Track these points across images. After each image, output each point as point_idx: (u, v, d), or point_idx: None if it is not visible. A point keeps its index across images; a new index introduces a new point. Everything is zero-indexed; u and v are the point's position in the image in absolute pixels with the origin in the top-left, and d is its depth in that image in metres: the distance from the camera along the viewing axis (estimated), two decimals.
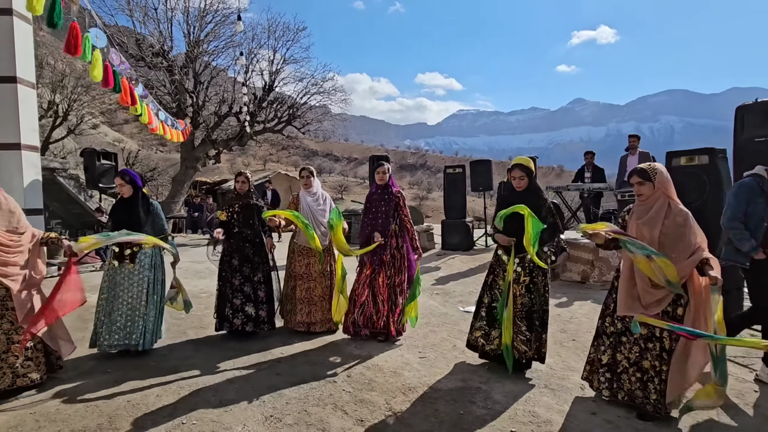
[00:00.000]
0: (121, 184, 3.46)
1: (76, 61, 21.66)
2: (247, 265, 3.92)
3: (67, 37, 3.17)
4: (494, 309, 3.19)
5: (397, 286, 3.85)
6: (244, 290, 3.88)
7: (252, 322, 3.88)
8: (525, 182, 3.15)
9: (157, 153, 55.08)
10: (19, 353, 2.75)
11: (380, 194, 3.94)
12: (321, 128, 13.50)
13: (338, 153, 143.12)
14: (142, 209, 3.48)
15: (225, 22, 11.75)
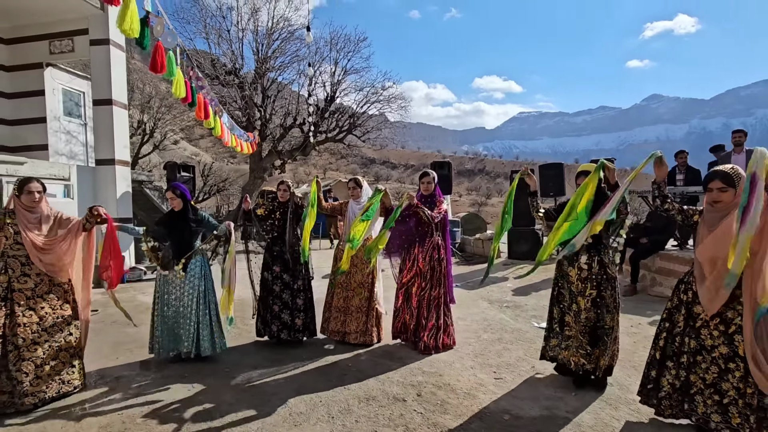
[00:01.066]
0: (172, 198, 3.57)
1: (161, 83, 24.04)
2: (287, 272, 3.93)
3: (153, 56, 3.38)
4: (563, 323, 2.99)
5: (433, 300, 3.70)
6: (282, 297, 3.91)
7: (287, 330, 3.89)
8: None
9: (228, 165, 59.19)
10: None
11: (424, 203, 3.83)
12: (381, 136, 13.61)
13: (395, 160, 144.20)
14: (192, 220, 3.59)
15: (290, 39, 12.35)
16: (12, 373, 2.70)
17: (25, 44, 8.45)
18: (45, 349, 2.82)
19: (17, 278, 2.77)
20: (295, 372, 3.35)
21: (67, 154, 8.95)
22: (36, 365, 2.76)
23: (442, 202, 3.88)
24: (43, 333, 2.83)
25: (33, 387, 2.75)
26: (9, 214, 2.80)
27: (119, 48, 8.09)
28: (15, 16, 8.10)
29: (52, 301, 2.90)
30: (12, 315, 2.73)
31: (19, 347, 2.72)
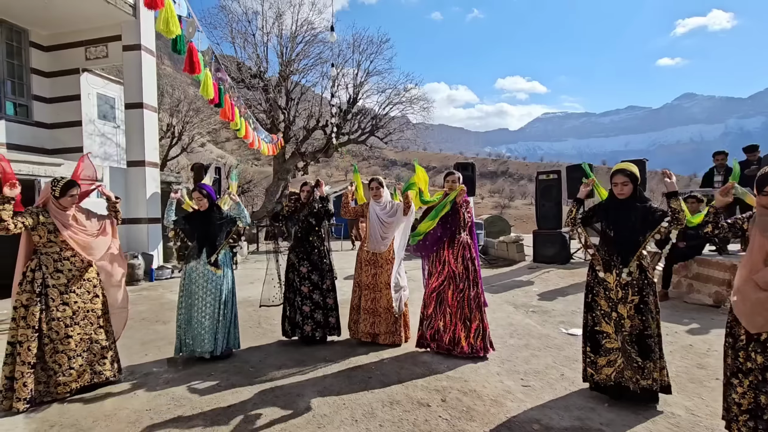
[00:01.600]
0: (199, 198, 3.64)
1: (189, 87, 24.77)
2: (315, 272, 3.96)
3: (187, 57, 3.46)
4: (597, 334, 2.78)
5: (471, 300, 3.61)
6: (313, 297, 3.93)
7: (321, 329, 3.94)
8: (629, 189, 2.73)
9: (252, 167, 60.36)
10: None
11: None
12: (403, 137, 13.58)
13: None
14: (217, 220, 3.66)
15: (313, 42, 12.49)
16: (48, 365, 2.83)
17: (63, 51, 8.84)
18: (77, 341, 2.93)
19: (51, 274, 2.87)
20: (319, 374, 3.34)
21: (101, 156, 9.30)
22: (69, 357, 2.88)
23: (468, 202, 3.81)
24: (75, 326, 2.93)
25: (67, 377, 2.87)
26: (42, 213, 2.88)
27: (150, 53, 8.35)
28: (54, 25, 8.49)
29: (84, 295, 3.00)
30: (47, 309, 2.84)
31: (54, 340, 2.84)
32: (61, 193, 2.89)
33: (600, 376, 2.75)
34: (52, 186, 2.92)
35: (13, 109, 8.41)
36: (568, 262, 7.87)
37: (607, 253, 2.76)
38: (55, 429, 2.54)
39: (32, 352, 2.76)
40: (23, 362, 2.73)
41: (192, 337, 3.55)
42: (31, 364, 2.76)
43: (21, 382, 2.72)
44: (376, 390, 3.03)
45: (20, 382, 2.72)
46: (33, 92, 8.67)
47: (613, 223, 2.76)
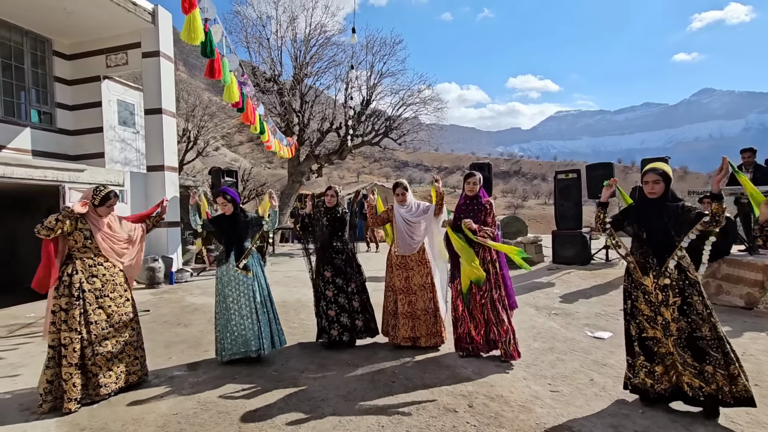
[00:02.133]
0: (223, 203, 3.66)
1: (203, 93, 25.13)
2: (340, 275, 3.95)
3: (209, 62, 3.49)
4: (648, 341, 2.66)
5: (497, 301, 3.54)
6: (338, 301, 3.92)
7: (348, 332, 3.92)
8: (660, 187, 2.64)
9: (265, 170, 61.04)
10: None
11: (468, 204, 3.71)
12: (416, 138, 13.53)
13: (428, 163, 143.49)
14: (242, 223, 3.69)
15: (327, 44, 12.55)
16: (87, 367, 2.90)
17: (85, 59, 9.04)
18: (113, 343, 3.02)
19: (86, 279, 2.95)
20: (342, 378, 3.32)
21: (121, 161, 9.48)
22: (107, 359, 2.97)
23: (492, 204, 3.72)
24: (110, 329, 3.02)
25: (105, 379, 2.95)
26: (80, 219, 2.97)
27: (168, 59, 8.49)
28: (76, 34, 8.70)
29: (117, 299, 3.09)
30: (85, 313, 2.91)
31: (93, 343, 2.92)
32: (100, 203, 3.01)
33: (660, 386, 2.61)
34: (93, 194, 3.01)
35: (38, 116, 8.64)
36: (588, 263, 7.71)
37: (642, 255, 2.67)
38: None
39: (77, 354, 2.84)
40: (70, 364, 2.80)
41: (233, 339, 3.55)
42: (78, 366, 2.84)
43: (71, 383, 2.79)
44: (400, 395, 3.00)
45: (69, 383, 2.79)
46: (56, 100, 8.89)
47: (645, 224, 2.67)
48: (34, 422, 2.70)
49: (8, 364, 3.81)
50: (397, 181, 4.10)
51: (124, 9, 7.63)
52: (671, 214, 2.59)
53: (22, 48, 8.30)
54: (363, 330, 3.98)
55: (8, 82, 8.07)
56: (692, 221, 2.52)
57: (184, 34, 2.95)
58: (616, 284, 6.34)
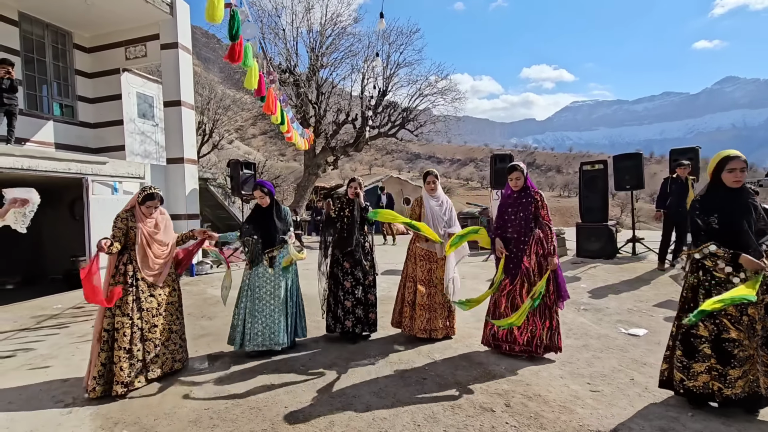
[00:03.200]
0: (261, 196, 3.73)
1: (218, 86, 25.22)
2: (358, 268, 3.96)
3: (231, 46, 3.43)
4: (725, 342, 2.42)
5: (544, 297, 3.37)
6: (355, 293, 3.94)
7: (361, 325, 3.95)
8: (744, 176, 2.49)
9: (278, 162, 61.31)
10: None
11: (516, 198, 3.54)
12: (433, 129, 13.33)
13: (441, 155, 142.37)
14: (276, 216, 3.75)
15: (343, 34, 12.39)
16: (134, 352, 2.99)
17: (104, 52, 9.07)
18: (161, 331, 3.16)
19: (139, 269, 3.09)
20: (372, 373, 3.25)
21: (141, 154, 9.54)
22: (155, 345, 3.11)
23: (541, 194, 3.52)
24: (159, 316, 3.15)
25: (153, 364, 3.09)
26: (131, 217, 3.15)
27: (186, 51, 8.45)
28: (96, 26, 8.72)
29: (165, 288, 3.24)
30: (137, 300, 3.06)
31: (143, 329, 3.06)
32: (142, 201, 3.16)
33: (732, 390, 2.40)
34: (139, 194, 3.18)
35: (60, 109, 8.72)
36: (614, 256, 7.49)
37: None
38: (119, 427, 2.55)
39: (127, 338, 2.96)
40: (119, 347, 2.92)
41: (260, 331, 3.57)
42: (127, 350, 2.95)
43: (119, 366, 2.90)
44: (434, 392, 2.91)
45: (118, 366, 2.90)
46: (77, 93, 8.96)
47: (729, 215, 2.46)
48: (68, 415, 2.70)
49: (39, 355, 3.85)
50: (428, 170, 4.07)
51: (143, 0, 7.59)
52: (751, 206, 2.45)
53: (44, 41, 8.36)
54: (374, 324, 4.03)
55: (31, 75, 8.14)
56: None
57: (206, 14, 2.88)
58: (646, 279, 6.14)
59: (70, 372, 3.39)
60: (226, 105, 21.77)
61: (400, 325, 4.04)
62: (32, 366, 3.57)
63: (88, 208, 6.47)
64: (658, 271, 6.40)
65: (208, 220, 10.81)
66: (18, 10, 7.82)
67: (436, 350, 3.70)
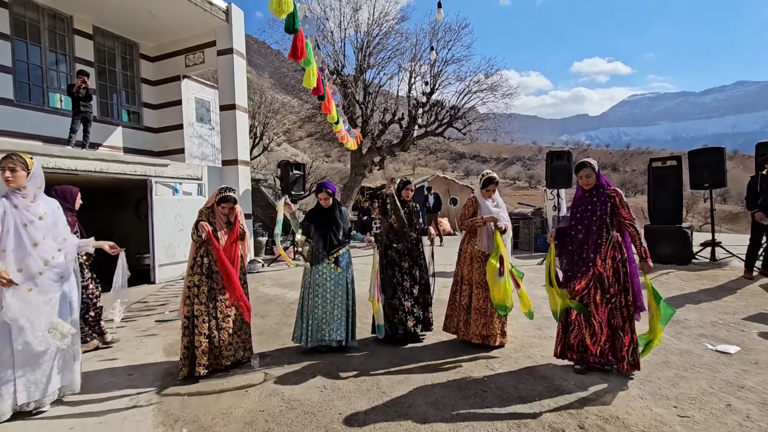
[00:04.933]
0: (326, 198, 3.79)
1: (267, 90, 26.14)
2: (415, 267, 3.96)
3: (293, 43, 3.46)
4: None
5: (623, 308, 3.08)
6: (413, 293, 3.92)
7: (421, 324, 3.93)
8: None
9: (323, 163, 62.52)
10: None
11: (588, 197, 3.22)
12: (483, 127, 12.90)
13: (486, 154, 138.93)
14: (338, 216, 3.83)
15: (390, 33, 12.33)
16: (212, 339, 3.23)
17: (166, 60, 9.62)
18: (234, 320, 3.33)
19: (214, 262, 3.25)
20: (427, 381, 3.09)
21: (198, 156, 10.01)
22: (229, 333, 3.30)
23: (621, 194, 3.18)
24: (232, 308, 3.32)
25: (228, 352, 3.29)
26: (210, 214, 3.33)
27: (241, 56, 8.74)
28: (159, 36, 9.26)
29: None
30: (212, 290, 3.24)
31: (218, 318, 3.26)
32: (218, 201, 3.32)
33: None
34: (218, 192, 3.34)
35: (127, 115, 9.35)
36: (689, 262, 6.79)
37: None
38: (179, 424, 2.57)
39: (206, 325, 3.19)
40: (200, 333, 3.17)
41: (321, 327, 3.64)
42: (206, 335, 3.19)
43: (200, 350, 3.15)
44: (495, 407, 2.70)
45: (200, 350, 3.15)
46: (143, 100, 9.56)
47: None
48: (132, 409, 2.78)
49: (106, 348, 4.05)
50: (489, 176, 3.84)
51: (201, 9, 7.94)
52: None
53: (114, 52, 8.99)
54: (431, 323, 3.99)
55: (103, 84, 8.78)
56: None
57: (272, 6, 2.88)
58: (730, 288, 5.48)
59: (134, 366, 3.53)
60: (275, 109, 22.54)
61: (453, 330, 3.88)
62: (101, 357, 3.76)
63: (152, 207, 6.84)
64: (745, 280, 5.70)
65: (259, 219, 11.14)
66: (92, 24, 8.47)
67: (494, 360, 3.47)
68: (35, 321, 2.56)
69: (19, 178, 2.59)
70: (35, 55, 7.66)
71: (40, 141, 7.12)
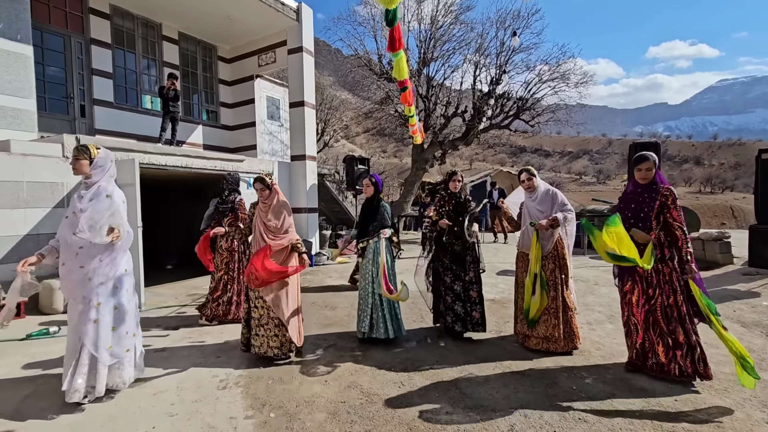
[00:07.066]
0: (367, 185, 3.92)
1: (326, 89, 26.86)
2: (457, 262, 3.85)
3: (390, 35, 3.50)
4: None
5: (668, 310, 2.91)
6: (454, 288, 3.85)
7: (461, 322, 3.83)
8: None
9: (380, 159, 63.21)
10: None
11: (640, 192, 3.03)
12: (553, 118, 12.17)
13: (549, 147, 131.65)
14: (374, 209, 3.87)
15: (456, 24, 12.02)
16: (258, 332, 3.35)
17: (241, 61, 10.15)
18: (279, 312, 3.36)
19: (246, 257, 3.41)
20: (509, 386, 2.93)
21: (269, 152, 10.49)
22: (275, 324, 3.36)
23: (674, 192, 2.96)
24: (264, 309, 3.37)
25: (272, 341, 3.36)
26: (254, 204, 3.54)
27: (309, 54, 8.98)
28: (235, 39, 9.79)
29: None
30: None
31: (267, 308, 3.35)
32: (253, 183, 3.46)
33: None
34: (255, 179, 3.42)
35: (206, 115, 10.02)
36: None
37: None
38: (267, 408, 2.67)
39: (257, 318, 3.36)
40: (250, 326, 3.40)
41: (367, 322, 3.71)
42: (256, 325, 3.36)
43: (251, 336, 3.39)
44: (590, 421, 2.49)
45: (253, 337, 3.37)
46: (220, 99, 10.19)
47: None
48: (223, 390, 2.93)
49: (195, 330, 4.35)
50: (523, 168, 3.73)
51: (274, 9, 8.25)
52: None
53: (196, 56, 9.66)
54: (480, 323, 3.82)
55: (186, 86, 9.48)
56: None
57: None
58: None
59: (220, 348, 3.75)
60: (335, 106, 23.14)
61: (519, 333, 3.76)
62: (191, 340, 4.05)
63: None
64: None
65: (323, 213, 11.46)
66: (178, 30, 9.15)
67: (582, 368, 3.22)
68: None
69: (82, 167, 2.69)
70: (131, 61, 8.44)
71: (134, 139, 7.85)
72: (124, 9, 8.22)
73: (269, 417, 2.56)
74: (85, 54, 7.69)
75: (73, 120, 7.55)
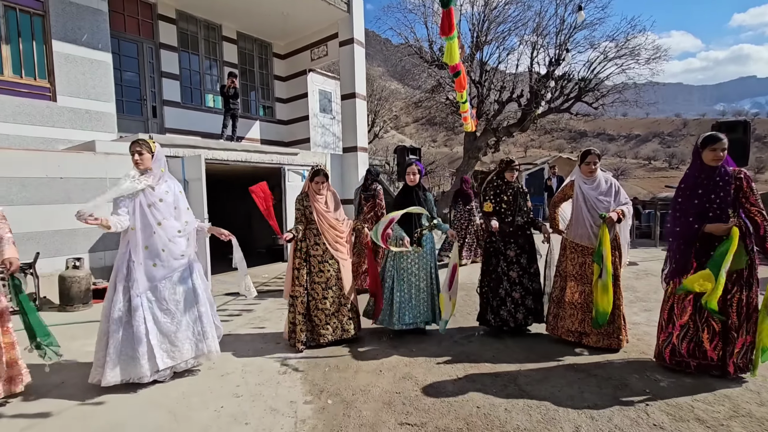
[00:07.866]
0: (413, 173, 3.86)
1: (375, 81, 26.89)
2: (523, 255, 3.70)
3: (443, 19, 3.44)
4: None
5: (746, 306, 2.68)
6: (523, 283, 3.67)
7: (533, 316, 3.70)
8: None
9: (431, 148, 62.47)
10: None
11: (704, 178, 2.72)
12: (620, 99, 11.21)
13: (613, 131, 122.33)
14: (418, 194, 3.82)
15: (512, 2, 11.43)
16: (312, 318, 3.48)
17: (294, 57, 10.42)
18: (331, 302, 3.50)
19: (311, 246, 3.50)
20: (573, 386, 2.77)
21: (321, 145, 10.73)
22: (326, 314, 3.49)
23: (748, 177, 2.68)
24: (329, 290, 3.51)
25: (325, 330, 3.48)
26: (305, 198, 3.52)
27: (360, 45, 9.00)
28: (289, 35, 10.05)
29: (333, 265, 3.54)
30: (310, 273, 3.48)
31: (315, 299, 3.48)
32: (311, 178, 3.49)
33: None
34: (309, 172, 3.51)
35: (263, 110, 10.43)
36: None
37: None
38: (324, 395, 2.74)
39: (304, 305, 3.45)
40: (299, 312, 3.43)
41: (409, 309, 3.68)
42: (303, 315, 3.44)
43: (299, 328, 3.42)
44: (666, 427, 2.28)
45: (298, 327, 3.42)
46: (275, 95, 10.55)
47: None
48: (284, 375, 3.06)
49: (256, 317, 4.59)
50: (587, 149, 3.40)
51: (326, 2, 8.34)
52: None
53: (253, 54, 10.05)
54: (542, 313, 3.73)
55: (244, 83, 9.91)
56: None
57: None
58: None
59: (280, 335, 3.91)
60: (384, 96, 23.14)
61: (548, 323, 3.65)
62: (253, 326, 4.27)
63: (285, 193, 7.53)
64: None
65: None
66: (237, 30, 9.57)
67: (654, 370, 2.97)
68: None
69: (146, 161, 2.83)
70: (195, 62, 8.97)
71: (198, 136, 8.36)
72: (189, 13, 8.73)
73: (327, 403, 2.63)
74: (155, 58, 8.29)
75: (146, 120, 8.20)
